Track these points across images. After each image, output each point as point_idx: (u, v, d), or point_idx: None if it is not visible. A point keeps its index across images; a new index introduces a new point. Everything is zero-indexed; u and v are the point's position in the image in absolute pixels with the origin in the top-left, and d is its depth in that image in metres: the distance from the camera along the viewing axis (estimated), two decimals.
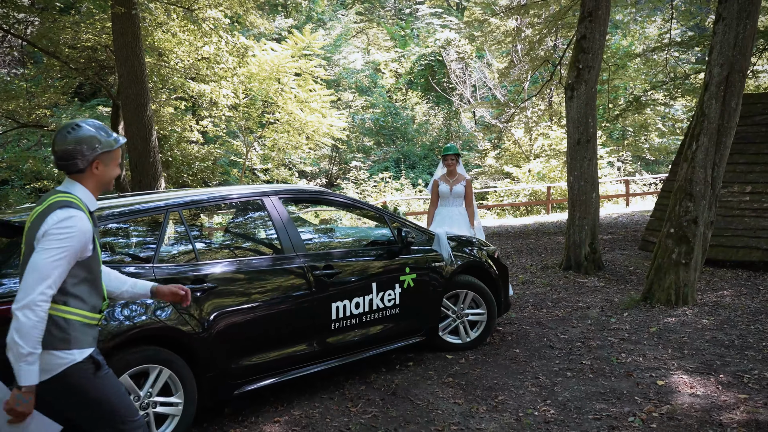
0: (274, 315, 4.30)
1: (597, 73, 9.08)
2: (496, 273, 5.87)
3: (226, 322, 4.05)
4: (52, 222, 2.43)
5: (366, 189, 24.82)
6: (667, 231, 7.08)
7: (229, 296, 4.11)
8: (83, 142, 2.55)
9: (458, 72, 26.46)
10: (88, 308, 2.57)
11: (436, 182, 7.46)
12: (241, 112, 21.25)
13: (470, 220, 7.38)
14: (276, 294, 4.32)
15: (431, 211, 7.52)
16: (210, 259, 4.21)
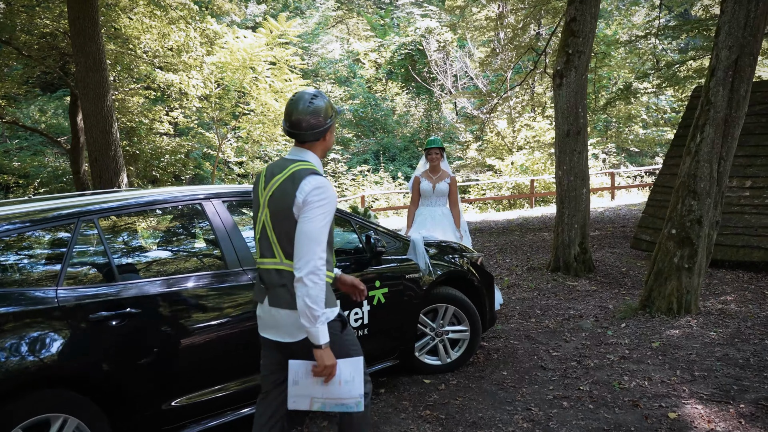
0: (215, 343, 3.55)
1: (588, 59, 8.39)
2: (480, 283, 5.16)
3: (154, 355, 3.30)
4: (308, 190, 2.55)
5: (344, 183, 24.03)
6: (668, 232, 6.41)
7: (157, 323, 3.35)
8: (322, 112, 2.70)
9: (439, 62, 25.69)
10: (331, 269, 2.75)
11: (418, 179, 6.74)
12: (212, 102, 20.35)
13: (455, 221, 6.68)
14: (217, 318, 3.57)
15: (411, 211, 6.80)
16: (133, 278, 3.45)
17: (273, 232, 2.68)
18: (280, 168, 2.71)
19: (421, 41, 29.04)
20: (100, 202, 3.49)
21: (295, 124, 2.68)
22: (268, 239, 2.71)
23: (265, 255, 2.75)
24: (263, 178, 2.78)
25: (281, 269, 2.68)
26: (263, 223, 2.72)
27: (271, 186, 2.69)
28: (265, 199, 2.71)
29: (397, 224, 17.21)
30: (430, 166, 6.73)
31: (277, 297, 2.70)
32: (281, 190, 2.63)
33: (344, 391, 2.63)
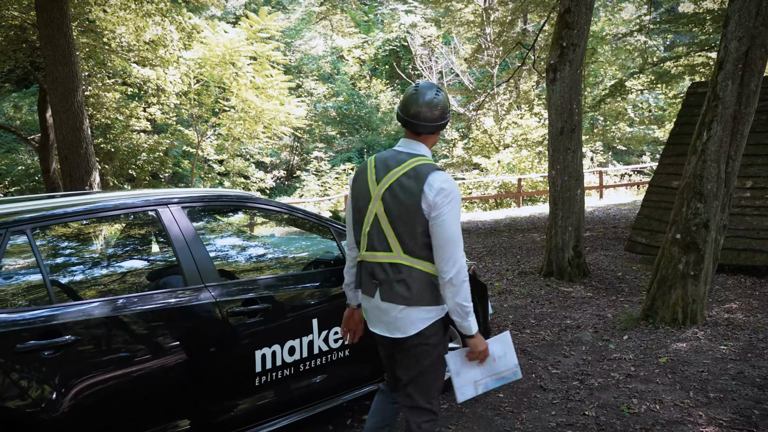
0: (171, 374, 3.05)
1: (583, 52, 7.96)
2: (474, 296, 4.69)
3: (96, 391, 2.80)
4: (437, 187, 2.52)
5: (327, 181, 23.50)
6: (672, 236, 5.98)
7: (99, 353, 2.85)
8: (445, 106, 2.70)
9: (424, 58, 25.23)
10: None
11: None
12: (191, 98, 19.75)
13: None
14: (173, 344, 3.07)
15: None
16: (72, 299, 2.94)
17: (391, 226, 2.62)
18: (396, 161, 2.66)
19: (406, 37, 28.56)
20: (35, 209, 2.98)
21: (416, 115, 2.64)
22: (383, 233, 2.65)
23: (377, 248, 2.68)
24: (373, 169, 2.72)
25: (398, 263, 2.62)
26: (375, 216, 2.66)
27: (388, 179, 2.64)
28: (379, 191, 2.65)
29: None
30: None
31: (392, 292, 2.64)
32: (402, 185, 2.59)
33: (501, 366, 2.78)
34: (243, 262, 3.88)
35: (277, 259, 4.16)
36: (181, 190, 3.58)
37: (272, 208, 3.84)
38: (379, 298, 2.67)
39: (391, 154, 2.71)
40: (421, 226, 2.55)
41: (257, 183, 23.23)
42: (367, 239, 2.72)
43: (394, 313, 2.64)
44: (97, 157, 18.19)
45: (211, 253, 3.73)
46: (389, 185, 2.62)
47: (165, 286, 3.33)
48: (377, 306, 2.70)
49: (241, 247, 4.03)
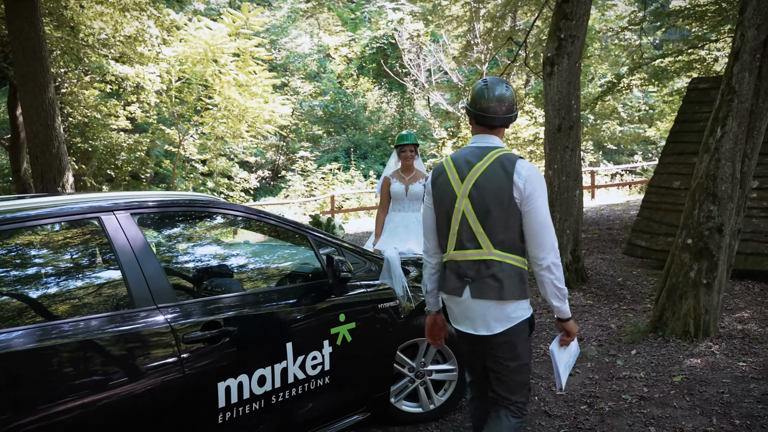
0: (112, 416, 2.54)
1: (582, 45, 7.49)
2: None
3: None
4: (526, 175, 2.57)
5: (313, 181, 22.96)
6: (682, 242, 5.52)
7: (27, 387, 2.34)
8: (513, 100, 2.76)
9: (412, 56, 24.73)
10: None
11: (388, 180, 5.80)
12: (172, 96, 19.13)
13: None
14: (118, 376, 2.56)
15: (380, 218, 5.85)
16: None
17: (480, 222, 2.62)
18: (476, 156, 2.68)
19: (393, 34, 28.06)
20: None
21: (487, 109, 2.69)
22: (471, 230, 2.65)
23: (467, 246, 2.68)
24: (453, 169, 2.72)
25: (489, 260, 2.62)
26: (463, 214, 2.66)
27: (473, 175, 2.64)
28: (465, 189, 2.65)
29: (369, 225, 16.25)
30: (402, 165, 5.80)
31: (482, 289, 2.64)
32: (489, 178, 2.60)
33: (576, 347, 2.89)
34: (204, 278, 3.36)
35: (245, 273, 3.63)
36: (131, 194, 3.06)
37: (238, 213, 3.33)
38: (470, 296, 2.67)
39: (469, 150, 2.73)
40: (513, 216, 2.58)
41: (241, 183, 22.61)
42: (456, 238, 2.71)
43: (485, 309, 2.65)
44: (74, 156, 17.57)
45: (166, 267, 3.22)
46: (475, 181, 2.63)
47: (217, 289, 2.91)
48: (467, 304, 2.70)
49: (202, 259, 3.51)
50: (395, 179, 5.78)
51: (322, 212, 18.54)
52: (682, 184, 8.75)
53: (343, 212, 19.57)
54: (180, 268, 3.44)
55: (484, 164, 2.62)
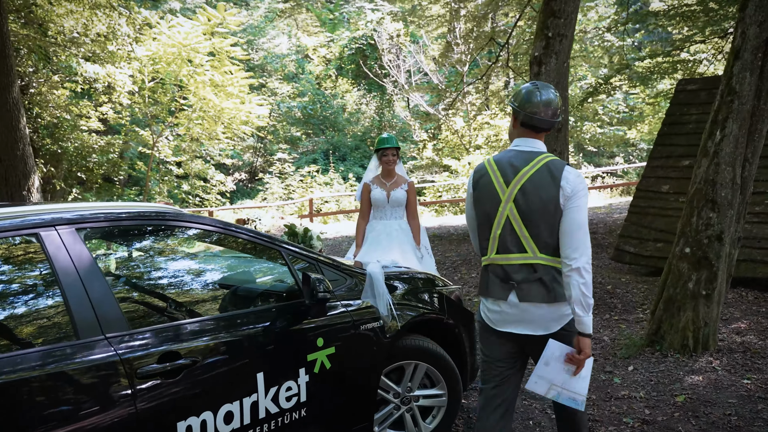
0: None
1: (570, 44, 7.20)
2: (459, 329, 3.88)
3: None
4: (573, 180, 2.59)
5: (291, 184, 22.52)
6: (680, 250, 5.24)
7: None
8: (559, 105, 2.77)
9: (391, 56, 24.40)
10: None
11: (368, 186, 5.47)
12: (145, 97, 18.62)
13: (415, 237, 5.44)
14: (59, 421, 2.18)
15: (361, 227, 5.51)
16: None
17: (525, 226, 2.65)
18: (523, 161, 2.69)
19: (373, 35, 27.73)
20: None
21: (537, 113, 2.69)
22: (516, 234, 2.67)
23: (510, 250, 2.70)
24: (497, 171, 2.73)
25: (534, 263, 2.65)
26: (507, 218, 2.68)
27: (519, 179, 2.66)
28: (510, 193, 2.67)
29: (348, 229, 15.88)
30: (383, 170, 5.47)
31: (530, 293, 2.66)
32: (536, 183, 2.62)
33: (580, 386, 2.66)
34: (162, 301, 2.98)
35: (210, 294, 3.25)
36: (79, 206, 2.68)
37: (201, 226, 2.95)
38: (516, 299, 2.69)
39: (513, 154, 2.74)
40: (558, 221, 2.60)
41: (217, 186, 22.13)
42: (498, 242, 2.73)
43: (535, 311, 2.67)
44: (43, 159, 16.98)
45: (117, 290, 2.83)
46: (521, 186, 2.64)
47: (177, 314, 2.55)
48: (514, 307, 2.70)
49: (159, 280, 3.12)
50: (376, 185, 5.45)
51: (300, 215, 18.14)
52: (671, 188, 8.52)
53: (321, 215, 19.17)
54: (134, 291, 3.05)
55: (531, 169, 2.64)
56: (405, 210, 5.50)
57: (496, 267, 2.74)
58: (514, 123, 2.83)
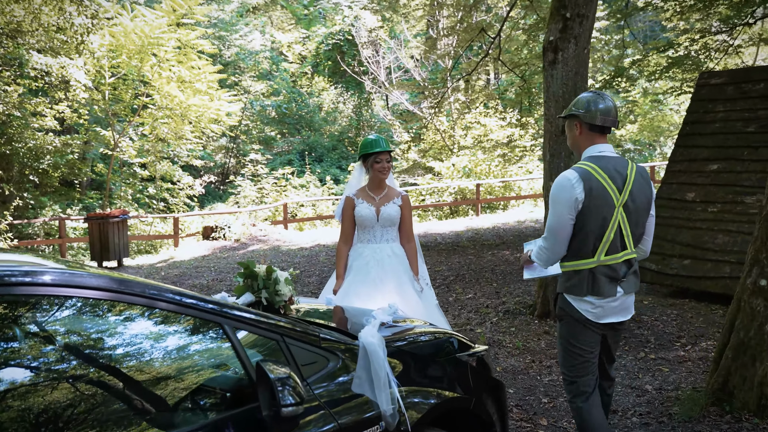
0: None
1: (591, 26, 6.08)
2: (490, 414, 2.70)
3: None
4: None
5: (264, 187, 21.21)
6: (752, 283, 4.11)
7: None
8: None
9: (370, 52, 23.17)
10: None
11: (351, 201, 4.32)
12: (105, 93, 17.22)
13: (411, 265, 4.29)
14: None
15: (342, 253, 4.36)
16: None
17: (629, 227, 2.91)
18: (622, 166, 2.92)
19: (350, 30, 26.49)
20: None
21: (611, 116, 2.97)
22: (622, 235, 2.90)
23: (618, 250, 2.91)
24: (608, 179, 2.86)
25: (632, 258, 2.98)
26: (618, 222, 2.88)
27: (628, 185, 2.88)
28: (622, 199, 2.87)
29: (325, 237, 14.65)
30: (372, 180, 4.30)
31: (630, 283, 2.99)
32: (639, 188, 2.91)
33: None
34: (26, 415, 1.74)
35: (112, 391, 1.99)
36: None
37: (87, 287, 1.71)
38: (623, 292, 2.96)
39: (610, 158, 2.93)
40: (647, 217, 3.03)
41: (185, 189, 20.74)
42: (609, 244, 2.90)
43: (631, 299, 3.07)
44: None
45: None
46: (630, 191, 2.88)
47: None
48: (618, 299, 2.95)
49: (26, 383, 1.86)
50: (362, 199, 4.27)
51: (273, 221, 16.86)
52: (697, 197, 7.43)
53: (297, 221, 17.91)
54: None
55: (631, 174, 2.89)
56: (398, 230, 4.33)
57: (604, 267, 2.91)
58: (580, 130, 3.02)
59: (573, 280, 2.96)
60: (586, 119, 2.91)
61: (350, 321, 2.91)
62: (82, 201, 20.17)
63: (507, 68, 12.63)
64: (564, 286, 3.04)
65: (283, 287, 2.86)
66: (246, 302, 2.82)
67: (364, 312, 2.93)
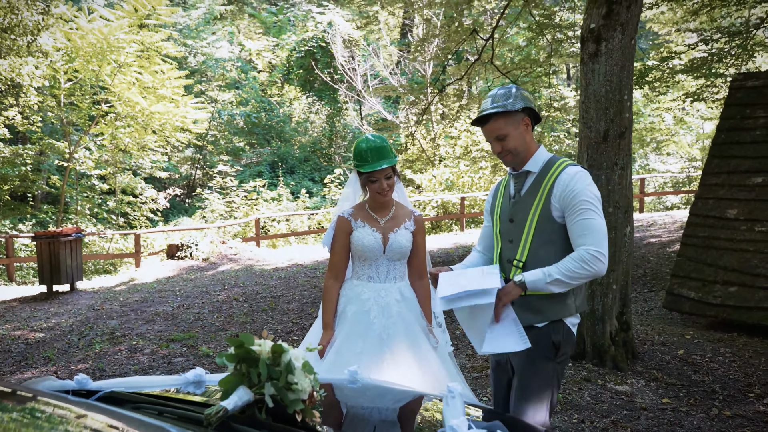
0: None
1: (639, 12, 5.10)
2: None
3: None
4: None
5: (234, 201, 19.93)
6: None
7: None
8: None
9: (345, 58, 22.09)
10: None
11: (346, 223, 3.23)
12: (60, 100, 15.84)
13: (425, 310, 3.22)
14: None
15: (332, 294, 3.26)
16: None
17: None
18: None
19: (324, 37, 25.42)
20: None
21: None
22: None
23: None
24: None
25: None
26: None
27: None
28: None
29: (304, 255, 13.48)
30: (372, 198, 3.17)
31: None
32: None
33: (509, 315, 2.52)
34: None
35: None
36: None
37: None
38: None
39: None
40: None
41: (148, 202, 19.34)
42: None
43: None
44: None
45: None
46: None
47: None
48: None
49: None
50: (361, 221, 3.16)
51: (244, 238, 15.62)
52: (740, 214, 6.52)
53: (270, 238, 16.67)
54: None
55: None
56: (408, 264, 3.24)
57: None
58: (531, 127, 2.61)
59: (579, 298, 2.56)
60: (534, 114, 2.58)
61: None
62: (35, 216, 18.67)
63: (500, 72, 11.67)
64: (572, 308, 2.53)
65: (301, 377, 1.75)
66: (238, 404, 1.69)
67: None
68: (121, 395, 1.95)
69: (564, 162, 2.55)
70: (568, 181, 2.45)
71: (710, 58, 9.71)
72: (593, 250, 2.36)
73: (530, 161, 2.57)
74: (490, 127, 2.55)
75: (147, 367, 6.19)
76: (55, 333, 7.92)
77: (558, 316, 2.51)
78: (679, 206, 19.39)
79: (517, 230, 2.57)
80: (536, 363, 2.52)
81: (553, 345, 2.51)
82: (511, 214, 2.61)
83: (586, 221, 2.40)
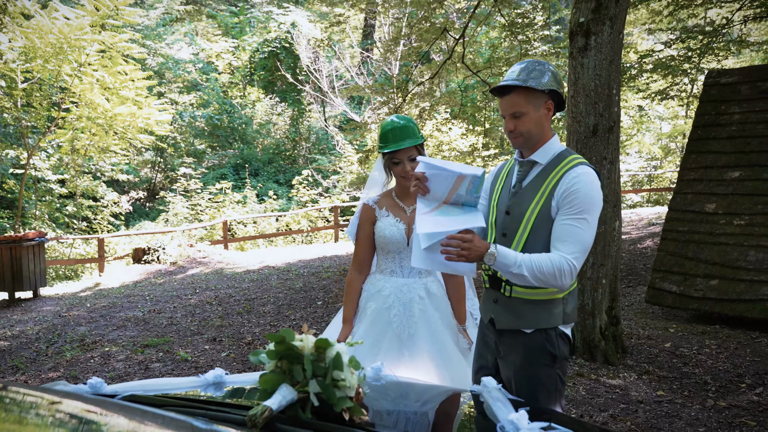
0: None
1: (627, 7, 5.11)
2: None
3: None
4: None
5: (200, 203, 19.55)
6: None
7: None
8: None
9: (310, 59, 21.91)
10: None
11: (371, 211, 3.08)
12: (17, 100, 15.32)
13: (456, 309, 3.12)
14: None
15: (355, 287, 3.12)
16: None
17: None
18: None
19: (287, 38, 25.18)
20: None
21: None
22: None
23: None
24: None
25: None
26: None
27: None
28: None
29: (276, 258, 13.28)
30: (397, 185, 3.06)
31: None
32: None
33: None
34: None
35: None
36: None
37: None
38: None
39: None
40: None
41: (109, 206, 18.84)
42: None
43: None
44: None
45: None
46: None
47: None
48: None
49: None
50: (386, 210, 3.04)
51: (212, 241, 15.31)
52: (719, 208, 6.61)
53: (238, 241, 16.40)
54: None
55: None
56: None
57: None
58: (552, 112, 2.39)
59: (570, 306, 2.37)
60: (560, 100, 2.38)
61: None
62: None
63: (471, 71, 11.68)
64: (558, 318, 2.33)
65: (348, 374, 1.64)
66: (283, 403, 1.58)
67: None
68: (142, 398, 1.83)
69: (575, 159, 2.35)
70: (574, 181, 2.27)
71: (679, 57, 9.88)
72: (573, 263, 2.18)
73: (540, 150, 2.36)
74: (509, 101, 2.31)
75: (123, 374, 5.97)
76: (21, 341, 7.60)
77: (544, 325, 2.33)
78: (642, 204, 19.72)
79: (513, 225, 2.36)
80: (538, 375, 2.36)
81: (549, 354, 2.33)
82: (508, 205, 2.40)
83: (574, 228, 2.22)
